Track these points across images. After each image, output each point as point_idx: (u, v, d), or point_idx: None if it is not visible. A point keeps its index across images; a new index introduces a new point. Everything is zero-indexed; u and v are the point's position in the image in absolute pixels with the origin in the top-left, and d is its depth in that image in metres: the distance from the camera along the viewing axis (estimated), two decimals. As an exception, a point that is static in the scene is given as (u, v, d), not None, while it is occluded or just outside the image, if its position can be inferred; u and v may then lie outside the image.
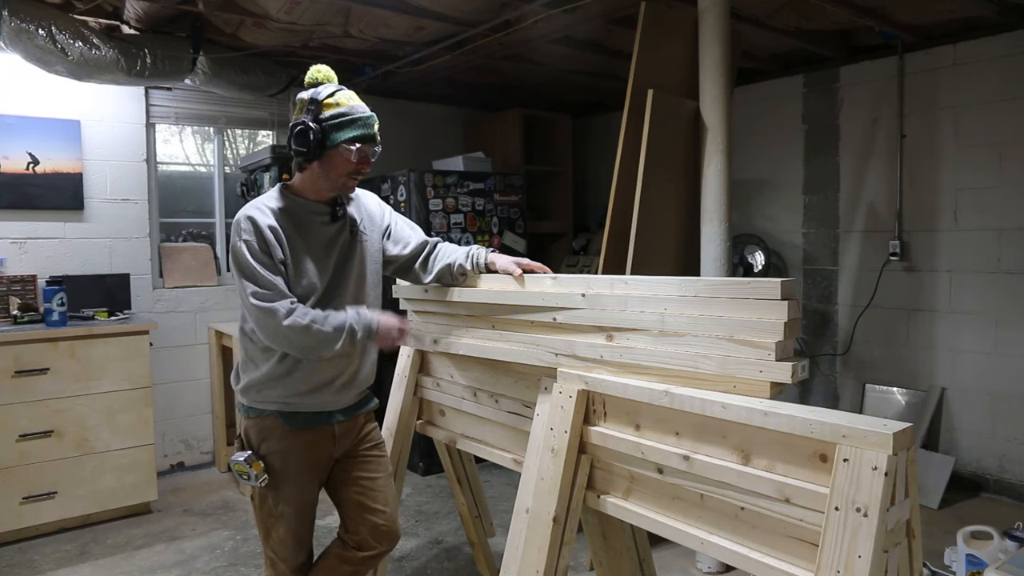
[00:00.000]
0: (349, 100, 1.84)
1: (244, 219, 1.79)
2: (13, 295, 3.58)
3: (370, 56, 4.06)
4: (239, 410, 1.95)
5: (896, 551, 1.30)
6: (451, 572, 2.97)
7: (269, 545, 1.94)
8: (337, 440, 1.97)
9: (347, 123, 1.80)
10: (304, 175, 1.88)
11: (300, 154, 1.82)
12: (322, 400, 1.91)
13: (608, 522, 2.13)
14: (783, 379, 1.46)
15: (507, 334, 2.07)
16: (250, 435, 1.89)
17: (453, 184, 4.24)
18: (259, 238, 1.77)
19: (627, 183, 2.90)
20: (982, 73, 3.63)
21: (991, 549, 2.56)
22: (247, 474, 1.84)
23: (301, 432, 1.89)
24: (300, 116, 1.82)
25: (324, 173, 1.85)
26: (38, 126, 3.71)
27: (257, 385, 1.86)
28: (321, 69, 1.88)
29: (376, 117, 1.87)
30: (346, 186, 1.89)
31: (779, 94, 4.50)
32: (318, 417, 1.91)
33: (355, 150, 1.81)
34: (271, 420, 1.87)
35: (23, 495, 3.20)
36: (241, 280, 1.77)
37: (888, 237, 3.97)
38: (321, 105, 1.81)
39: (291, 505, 1.91)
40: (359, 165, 1.84)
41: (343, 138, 1.80)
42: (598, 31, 3.67)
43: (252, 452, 1.86)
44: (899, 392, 4.02)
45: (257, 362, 1.86)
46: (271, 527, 1.92)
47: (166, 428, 4.17)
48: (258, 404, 1.88)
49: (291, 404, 1.87)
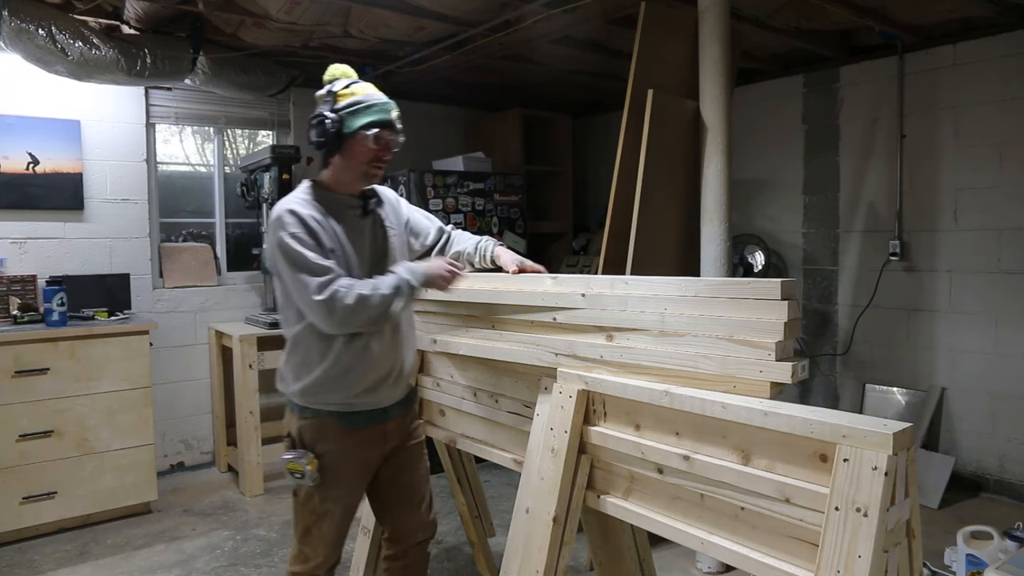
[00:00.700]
0: (365, 89, 1.86)
1: (286, 213, 1.76)
2: (13, 295, 3.58)
3: (370, 56, 4.06)
4: (290, 409, 1.91)
5: (896, 551, 1.30)
6: (451, 572, 2.97)
7: (307, 542, 1.93)
8: (388, 437, 1.98)
9: (363, 109, 1.81)
10: (330, 169, 1.89)
11: (320, 146, 1.84)
12: (379, 397, 1.92)
13: (608, 522, 2.13)
14: (783, 379, 1.46)
15: (507, 334, 2.07)
16: (304, 435, 1.87)
17: (453, 184, 4.24)
18: (305, 228, 1.76)
19: (627, 183, 2.90)
20: (982, 73, 3.63)
21: (991, 549, 2.56)
22: (301, 472, 1.83)
23: (357, 431, 1.89)
24: (317, 110, 1.85)
25: (347, 163, 1.85)
26: (38, 126, 3.71)
27: (314, 387, 1.84)
28: (339, 66, 1.90)
29: (394, 105, 1.87)
30: (369, 174, 1.88)
31: (779, 94, 4.50)
32: (374, 415, 1.92)
33: (372, 135, 1.81)
34: (329, 420, 1.86)
35: (23, 495, 3.20)
36: (295, 274, 1.73)
37: (888, 237, 3.98)
38: (337, 96, 1.83)
39: (339, 504, 1.90)
40: (380, 152, 1.84)
41: (359, 124, 1.80)
42: (598, 31, 3.67)
43: (307, 450, 1.85)
44: (899, 392, 4.02)
45: (313, 365, 1.84)
46: (312, 524, 1.91)
47: (166, 428, 4.17)
48: (315, 405, 1.86)
49: (350, 404, 1.87)
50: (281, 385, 1.92)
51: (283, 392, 1.92)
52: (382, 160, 1.87)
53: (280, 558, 3.06)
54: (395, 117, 1.87)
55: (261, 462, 3.85)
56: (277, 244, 1.76)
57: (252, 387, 3.82)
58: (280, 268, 1.78)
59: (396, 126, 1.87)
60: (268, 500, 3.76)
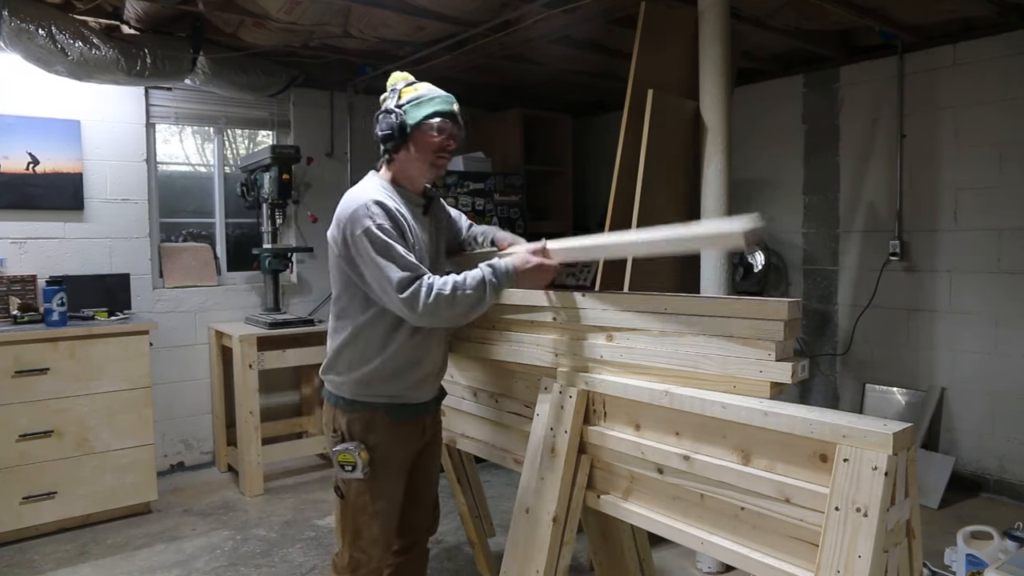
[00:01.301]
0: (427, 86, 1.91)
1: (372, 203, 1.76)
2: (13, 295, 3.58)
3: (370, 56, 4.06)
4: (334, 403, 1.91)
5: (896, 551, 1.30)
6: (451, 572, 2.97)
7: (358, 546, 1.89)
8: (425, 432, 2.01)
9: (426, 101, 1.86)
10: (395, 164, 1.90)
11: (388, 139, 1.86)
12: (425, 391, 1.96)
13: (608, 522, 2.13)
14: (783, 379, 1.46)
15: (507, 334, 2.07)
16: (354, 428, 1.87)
17: (453, 184, 4.24)
18: (392, 220, 1.77)
19: (627, 183, 2.90)
20: (982, 73, 3.63)
21: (991, 549, 2.56)
22: (353, 463, 1.83)
23: (404, 424, 1.91)
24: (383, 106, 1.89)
25: (413, 157, 1.87)
26: (38, 126, 3.71)
27: (368, 379, 1.85)
28: (400, 72, 1.98)
29: (455, 99, 1.91)
30: (436, 165, 1.90)
31: (779, 94, 4.49)
32: (419, 408, 1.96)
33: (437, 124, 1.85)
34: (379, 414, 1.87)
35: (23, 495, 3.20)
36: (381, 266, 1.72)
37: (888, 237, 3.97)
38: (400, 92, 1.88)
39: (389, 500, 1.90)
40: (444, 140, 1.87)
41: (424, 114, 1.84)
42: (598, 31, 3.67)
43: (359, 442, 1.85)
44: (899, 392, 4.02)
45: (372, 356, 1.85)
46: (363, 526, 1.89)
47: (166, 428, 4.17)
48: (365, 398, 1.87)
49: (401, 397, 1.90)
50: (331, 375, 1.90)
51: (331, 383, 1.91)
52: (446, 150, 1.89)
53: (280, 558, 3.07)
54: (457, 109, 1.91)
55: (261, 462, 3.85)
56: (364, 233, 1.74)
57: (252, 387, 3.82)
58: (361, 257, 1.75)
59: (458, 118, 1.91)
60: (268, 500, 3.76)
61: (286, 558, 3.07)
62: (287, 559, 3.06)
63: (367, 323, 1.85)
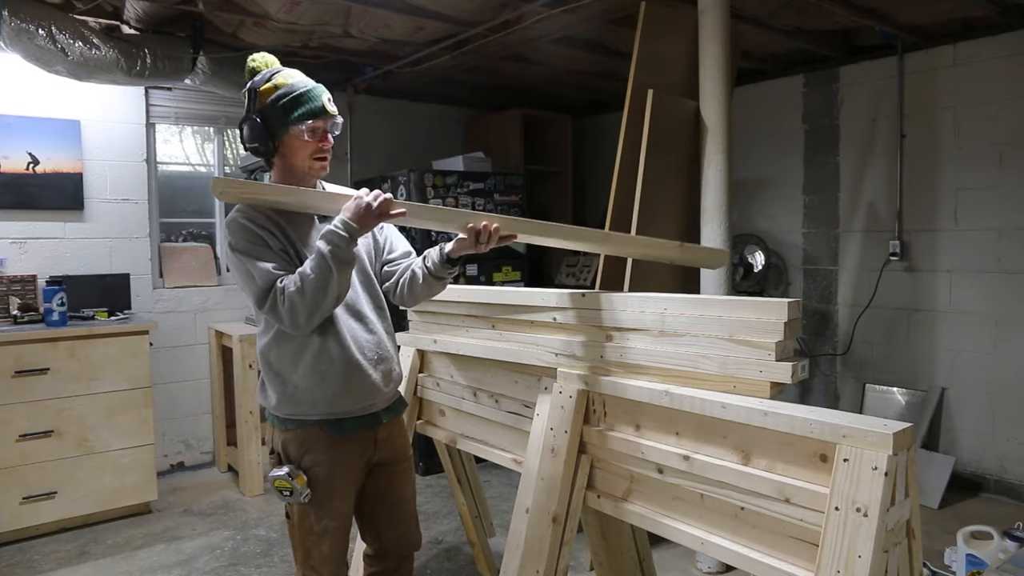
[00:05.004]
0: (287, 78, 1.71)
1: (234, 215, 1.69)
2: (13, 295, 3.58)
3: (370, 56, 4.06)
4: (272, 423, 1.81)
5: (896, 551, 1.30)
6: (451, 572, 2.97)
7: (310, 565, 1.80)
8: (378, 446, 1.86)
9: (290, 103, 1.67)
10: (275, 172, 1.79)
11: (256, 151, 1.72)
12: (363, 401, 1.79)
13: (608, 522, 2.13)
14: (783, 379, 1.46)
15: (507, 334, 2.07)
16: (289, 448, 1.76)
17: (453, 184, 4.24)
18: (248, 231, 1.66)
19: (627, 183, 2.90)
20: (982, 73, 3.63)
21: (991, 549, 2.56)
22: (289, 489, 1.72)
23: (347, 440, 1.78)
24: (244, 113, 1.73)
25: (287, 164, 1.74)
26: (38, 126, 3.71)
27: (293, 396, 1.73)
28: (255, 57, 1.77)
29: (323, 88, 1.73)
30: (314, 169, 1.75)
31: (779, 94, 4.50)
32: (363, 421, 1.80)
33: (306, 127, 1.68)
34: (314, 430, 1.74)
35: (23, 495, 3.20)
36: (242, 284, 1.68)
37: (888, 237, 3.98)
38: (259, 93, 1.70)
39: (336, 519, 1.78)
40: (318, 143, 1.71)
41: (289, 119, 1.67)
42: (598, 31, 3.67)
43: (294, 465, 1.74)
44: (899, 392, 4.02)
45: (286, 374, 1.73)
46: (312, 546, 1.78)
47: (166, 428, 4.17)
48: (297, 415, 1.75)
49: (334, 411, 1.75)
50: (261, 399, 1.81)
51: (264, 401, 1.81)
52: (322, 151, 1.73)
53: (280, 558, 3.07)
54: (326, 100, 1.71)
55: (261, 462, 3.85)
56: (229, 251, 1.68)
57: (252, 387, 3.82)
58: (234, 276, 1.72)
59: (329, 110, 1.71)
60: (268, 500, 3.76)
61: (286, 558, 3.06)
62: (287, 559, 3.06)
63: (275, 338, 1.74)
